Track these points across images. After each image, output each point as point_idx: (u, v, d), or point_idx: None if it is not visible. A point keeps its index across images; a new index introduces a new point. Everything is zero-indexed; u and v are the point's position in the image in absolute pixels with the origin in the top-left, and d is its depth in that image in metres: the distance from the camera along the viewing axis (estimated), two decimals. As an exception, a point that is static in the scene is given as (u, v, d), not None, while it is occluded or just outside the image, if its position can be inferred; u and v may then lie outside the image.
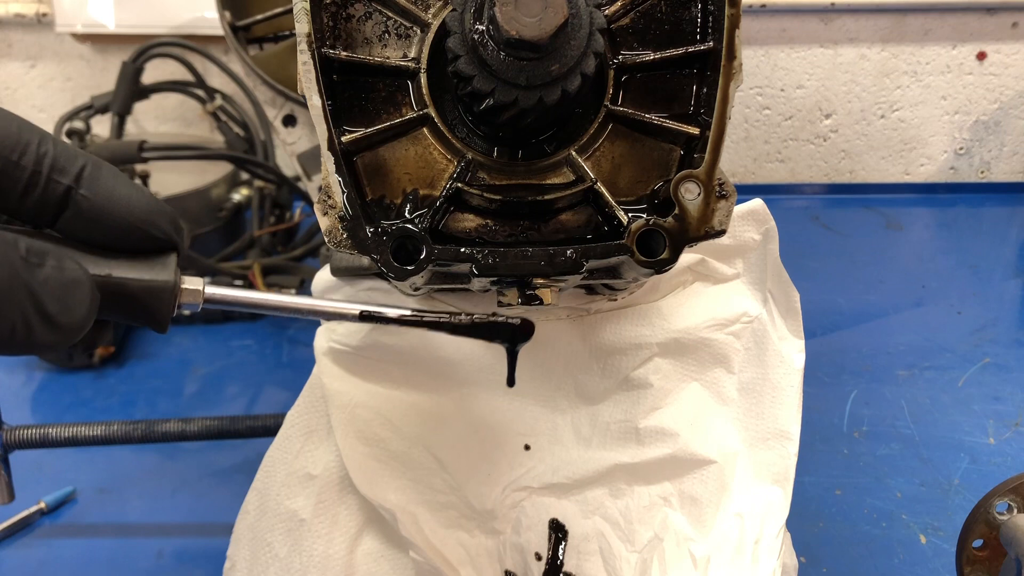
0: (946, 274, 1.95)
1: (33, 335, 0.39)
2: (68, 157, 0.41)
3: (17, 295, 0.37)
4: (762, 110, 2.39)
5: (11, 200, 0.41)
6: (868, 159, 2.44)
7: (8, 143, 0.39)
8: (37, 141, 0.40)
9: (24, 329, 0.38)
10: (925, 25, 2.28)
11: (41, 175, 0.40)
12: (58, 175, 0.41)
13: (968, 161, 2.44)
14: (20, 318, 0.38)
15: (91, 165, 0.42)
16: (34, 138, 0.40)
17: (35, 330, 0.38)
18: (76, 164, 0.41)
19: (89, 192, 0.42)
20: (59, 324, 0.39)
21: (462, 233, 0.60)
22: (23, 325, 0.38)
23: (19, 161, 0.40)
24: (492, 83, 0.53)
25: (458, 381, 0.79)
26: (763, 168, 2.46)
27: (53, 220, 0.42)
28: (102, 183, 0.42)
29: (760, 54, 2.32)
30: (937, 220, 2.34)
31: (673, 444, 0.79)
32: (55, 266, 0.39)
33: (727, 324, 0.80)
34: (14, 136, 0.40)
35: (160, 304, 0.46)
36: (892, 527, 1.15)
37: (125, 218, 0.43)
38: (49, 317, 0.39)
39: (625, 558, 0.78)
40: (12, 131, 0.40)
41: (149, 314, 0.47)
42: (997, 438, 1.34)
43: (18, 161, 0.40)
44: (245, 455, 1.28)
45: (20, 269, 0.37)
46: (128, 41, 2.18)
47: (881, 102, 2.37)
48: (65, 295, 0.39)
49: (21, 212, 0.41)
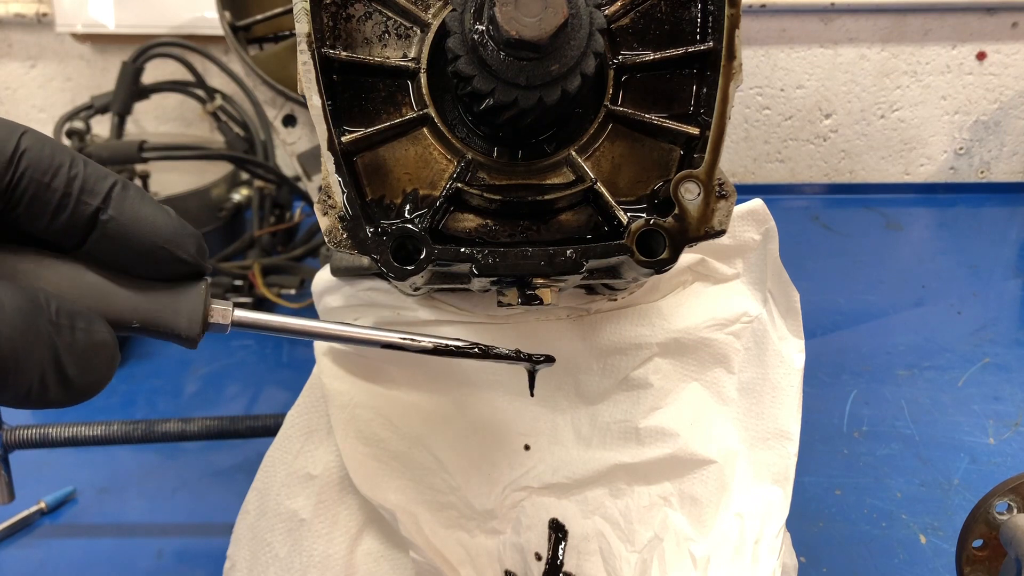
0: (946, 274, 1.95)
1: (48, 396, 0.40)
2: (97, 178, 0.42)
3: (38, 357, 0.38)
4: (762, 110, 2.39)
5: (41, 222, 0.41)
6: (868, 159, 2.44)
7: (41, 166, 0.40)
8: (68, 163, 0.41)
9: (39, 389, 0.39)
10: (925, 25, 2.28)
11: (71, 197, 0.41)
12: (87, 196, 0.41)
13: (968, 161, 2.44)
14: (38, 379, 0.39)
15: (119, 185, 0.43)
16: (65, 160, 0.41)
17: (50, 391, 0.40)
18: (105, 185, 0.42)
19: (117, 212, 0.42)
20: (76, 386, 0.40)
21: (462, 233, 0.60)
22: (39, 386, 0.39)
23: (50, 183, 0.40)
24: (492, 83, 0.53)
25: (458, 381, 0.79)
26: (763, 168, 2.46)
27: (81, 242, 0.42)
28: (129, 204, 0.43)
29: (760, 54, 2.32)
30: (937, 220, 2.34)
31: (673, 444, 0.79)
32: (83, 329, 0.40)
33: (727, 324, 0.80)
34: (47, 159, 0.40)
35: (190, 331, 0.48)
36: (892, 527, 1.15)
37: (151, 239, 0.44)
38: (68, 380, 0.40)
39: (625, 558, 0.78)
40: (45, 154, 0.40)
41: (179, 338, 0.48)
42: (997, 438, 1.34)
43: (49, 183, 0.40)
44: (245, 455, 1.28)
45: (47, 333, 0.38)
46: (128, 41, 2.18)
47: (881, 102, 2.37)
48: (88, 358, 0.40)
49: (50, 234, 0.42)
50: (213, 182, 1.92)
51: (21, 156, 0.40)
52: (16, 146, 0.40)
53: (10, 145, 0.39)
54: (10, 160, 0.39)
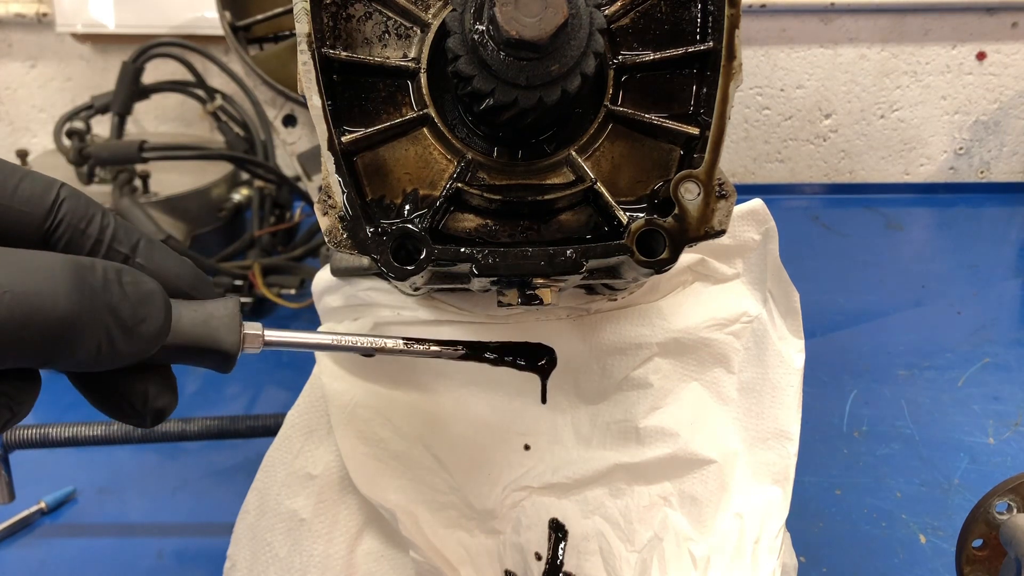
0: (946, 274, 1.95)
1: (116, 349, 0.43)
2: (127, 231, 0.47)
3: (99, 315, 0.41)
4: (762, 110, 2.39)
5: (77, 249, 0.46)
6: (868, 159, 2.44)
7: (78, 213, 0.45)
8: (100, 214, 0.46)
9: (108, 345, 0.42)
10: (925, 25, 2.28)
11: (103, 243, 0.46)
12: (118, 244, 0.47)
13: (968, 161, 2.44)
14: (104, 335, 0.42)
15: (145, 240, 0.48)
16: (98, 211, 0.46)
17: (117, 344, 0.42)
18: (133, 237, 0.47)
19: (145, 261, 0.47)
20: (139, 334, 0.43)
21: (462, 233, 0.60)
22: (107, 341, 0.42)
23: (85, 229, 0.46)
24: (492, 83, 0.53)
25: (458, 381, 0.79)
26: (763, 168, 2.46)
27: None
28: (155, 255, 0.48)
29: (760, 54, 2.32)
30: (937, 220, 2.34)
31: (673, 444, 0.79)
32: (130, 281, 0.43)
33: (727, 324, 0.80)
34: (83, 208, 0.46)
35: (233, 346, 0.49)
36: (892, 527, 1.15)
37: (176, 284, 0.49)
38: (129, 329, 0.43)
39: (625, 558, 0.78)
40: (81, 204, 0.46)
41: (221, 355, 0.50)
42: (997, 438, 1.34)
43: (84, 229, 0.46)
44: (245, 455, 1.28)
45: (99, 290, 0.41)
46: (128, 41, 2.19)
47: (881, 102, 2.37)
48: (142, 307, 0.44)
49: None
50: (213, 182, 1.93)
51: (61, 204, 0.45)
52: (56, 196, 0.45)
53: (51, 195, 0.45)
54: (51, 208, 0.45)
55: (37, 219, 0.45)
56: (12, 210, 0.44)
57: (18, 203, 0.44)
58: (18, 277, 0.39)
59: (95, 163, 1.79)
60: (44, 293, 0.39)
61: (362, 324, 0.79)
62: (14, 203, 0.44)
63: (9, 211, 0.44)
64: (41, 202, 0.45)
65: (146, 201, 1.78)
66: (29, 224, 0.44)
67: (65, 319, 0.40)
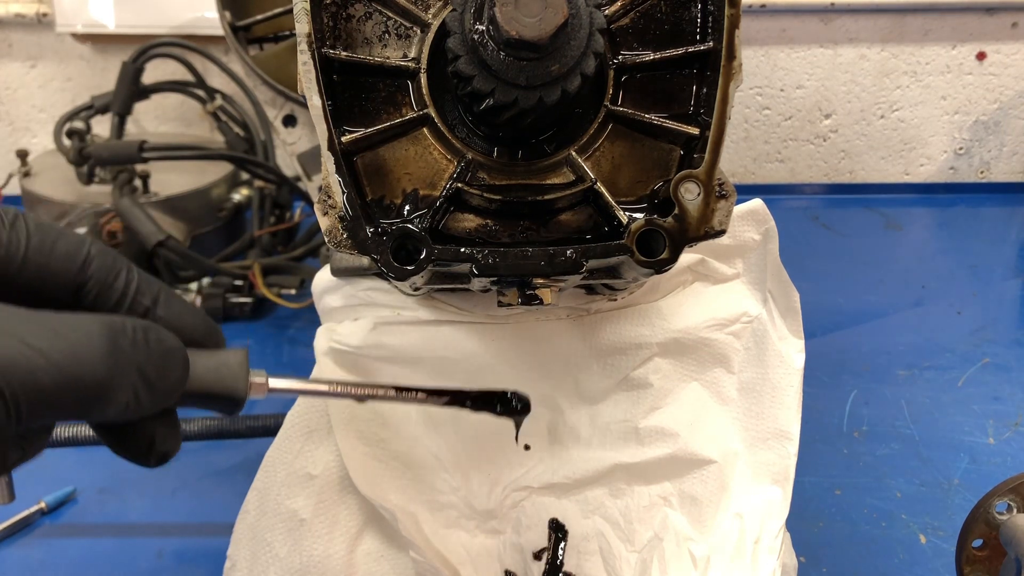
0: (946, 274, 1.95)
1: (140, 403, 0.46)
2: (148, 283, 0.51)
3: (129, 375, 0.45)
4: (762, 110, 2.39)
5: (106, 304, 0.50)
6: (868, 159, 2.44)
7: (106, 268, 0.49)
8: (126, 269, 0.50)
9: (134, 401, 0.45)
10: (925, 25, 2.28)
11: (128, 296, 0.50)
12: (141, 296, 0.51)
13: (968, 161, 2.44)
14: (131, 393, 0.45)
15: (165, 292, 0.52)
16: (124, 266, 0.50)
17: (142, 399, 0.46)
18: (154, 289, 0.51)
19: (164, 312, 0.51)
20: (161, 389, 0.47)
21: (462, 233, 0.60)
22: (134, 398, 0.45)
23: (113, 283, 0.50)
24: (492, 83, 0.53)
25: (458, 381, 0.79)
26: (763, 168, 2.46)
27: None
28: (174, 306, 0.52)
29: (760, 54, 2.32)
30: (937, 220, 2.34)
31: (673, 444, 0.79)
32: (155, 339, 0.47)
33: (727, 324, 0.80)
34: (110, 263, 0.50)
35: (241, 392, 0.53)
36: (892, 527, 1.15)
37: (191, 334, 0.52)
38: (151, 385, 0.46)
39: (625, 558, 0.78)
40: (108, 260, 0.50)
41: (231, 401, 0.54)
42: (997, 438, 1.34)
43: (112, 283, 0.50)
44: (245, 455, 1.28)
45: (129, 351, 0.45)
46: (128, 41, 2.19)
47: (881, 102, 2.37)
48: (164, 363, 0.47)
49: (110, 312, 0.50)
50: (213, 182, 1.92)
51: (91, 261, 0.49)
52: (87, 253, 0.49)
53: (83, 252, 0.49)
54: (82, 264, 0.49)
55: (71, 275, 0.48)
56: (50, 268, 0.48)
57: (55, 261, 0.48)
58: (61, 344, 0.42)
59: (95, 163, 1.79)
60: (83, 358, 0.42)
61: (362, 324, 0.79)
62: (52, 261, 0.48)
63: (47, 269, 0.48)
64: (74, 259, 0.48)
65: (146, 201, 1.78)
66: (64, 279, 0.48)
67: (102, 382, 0.43)
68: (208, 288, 1.72)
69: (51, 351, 0.41)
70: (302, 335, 1.68)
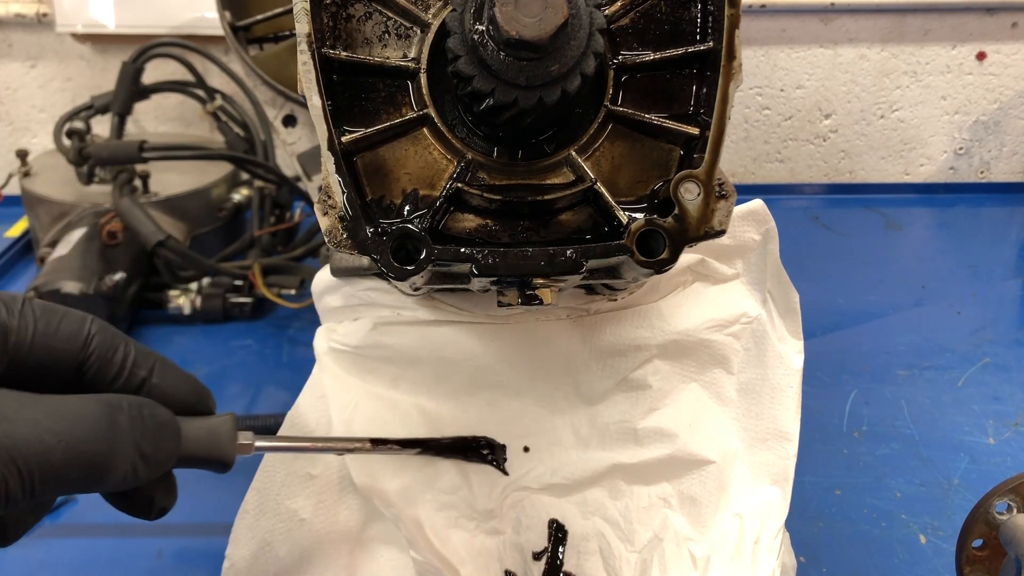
0: (946, 274, 1.95)
1: (138, 475, 0.50)
2: (144, 355, 0.56)
3: (128, 451, 0.49)
4: (762, 110, 2.39)
5: (102, 387, 0.54)
6: (868, 159, 2.44)
7: (105, 344, 0.54)
8: (123, 344, 0.55)
9: (132, 472, 0.49)
10: (925, 25, 2.28)
11: (125, 369, 0.54)
12: (137, 368, 0.55)
13: (968, 161, 2.44)
14: (130, 465, 0.49)
15: (159, 362, 0.56)
16: (122, 341, 0.55)
17: (139, 471, 0.50)
18: (150, 361, 0.56)
19: (159, 381, 0.56)
20: (156, 461, 0.51)
21: (462, 233, 0.60)
22: (131, 470, 0.49)
23: (111, 358, 0.54)
24: (492, 83, 0.53)
25: (458, 381, 0.79)
26: (763, 168, 2.46)
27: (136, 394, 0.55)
28: (168, 375, 0.57)
29: (760, 54, 2.32)
30: (937, 220, 2.34)
31: (671, 445, 0.79)
32: (150, 414, 0.51)
33: (727, 325, 0.80)
34: (109, 340, 0.54)
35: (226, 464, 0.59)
36: (892, 527, 1.15)
37: (185, 400, 0.57)
38: (147, 458, 0.50)
39: (625, 558, 0.78)
40: (108, 337, 0.54)
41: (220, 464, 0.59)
42: (997, 438, 1.34)
43: (111, 358, 0.54)
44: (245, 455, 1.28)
45: (128, 429, 0.49)
46: (128, 41, 2.18)
47: (881, 102, 2.37)
48: (159, 436, 0.52)
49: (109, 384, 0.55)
50: (213, 182, 1.92)
51: (92, 338, 0.53)
52: (88, 331, 0.53)
53: (84, 331, 0.53)
54: (84, 342, 0.53)
55: (74, 353, 0.53)
56: (55, 349, 0.52)
57: (60, 342, 0.52)
58: (68, 427, 0.46)
59: (95, 163, 1.79)
60: (88, 437, 0.47)
61: (362, 324, 0.79)
62: (57, 343, 0.52)
63: (53, 349, 0.52)
64: (77, 339, 0.53)
65: (146, 201, 1.78)
66: (67, 357, 0.52)
67: (104, 460, 0.48)
68: (208, 288, 1.73)
69: (61, 432, 0.46)
70: (302, 335, 1.68)
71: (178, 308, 1.71)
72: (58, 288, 1.52)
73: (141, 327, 1.73)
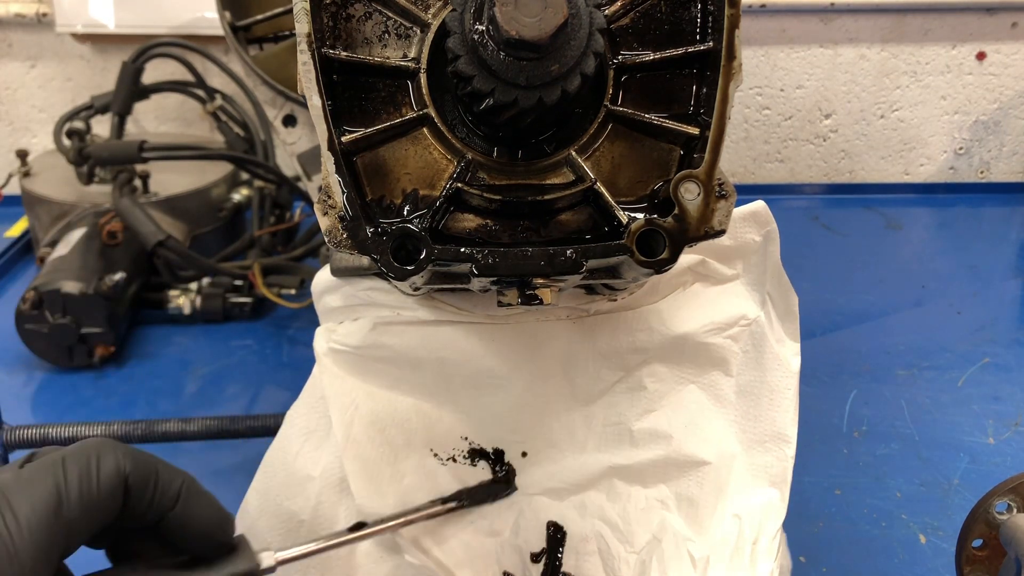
0: (946, 274, 1.95)
1: None
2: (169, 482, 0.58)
3: None
4: (762, 110, 2.39)
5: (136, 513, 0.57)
6: (868, 159, 2.44)
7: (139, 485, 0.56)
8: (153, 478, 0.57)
9: None
10: (925, 25, 2.28)
11: (154, 502, 0.57)
12: (163, 498, 0.57)
13: (968, 161, 2.44)
14: None
15: (186, 487, 0.59)
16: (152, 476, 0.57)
17: None
18: (175, 486, 0.58)
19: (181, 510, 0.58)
20: None
21: (462, 233, 0.60)
22: None
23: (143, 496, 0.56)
24: (492, 83, 0.53)
25: (458, 382, 0.79)
26: (763, 168, 2.46)
27: (157, 522, 0.58)
28: (192, 499, 0.59)
29: (760, 54, 2.32)
30: (937, 220, 2.34)
31: (666, 446, 0.79)
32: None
33: (726, 327, 0.80)
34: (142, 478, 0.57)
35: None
36: (892, 527, 1.15)
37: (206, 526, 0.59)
38: None
39: (624, 559, 0.78)
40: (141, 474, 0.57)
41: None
42: (997, 438, 1.34)
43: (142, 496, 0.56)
44: (245, 455, 1.28)
45: None
46: (128, 41, 2.19)
47: (881, 102, 2.37)
48: None
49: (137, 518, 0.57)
50: (213, 182, 1.93)
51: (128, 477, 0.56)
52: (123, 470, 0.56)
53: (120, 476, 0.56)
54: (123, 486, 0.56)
55: None
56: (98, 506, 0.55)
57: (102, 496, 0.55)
58: None
59: (95, 163, 1.79)
60: None
61: (362, 324, 0.79)
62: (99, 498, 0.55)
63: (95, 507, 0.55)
64: (116, 494, 0.55)
65: (146, 201, 1.78)
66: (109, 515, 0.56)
67: None
68: (208, 288, 1.73)
69: None
70: (302, 335, 1.69)
71: (178, 308, 1.71)
72: (58, 288, 1.52)
73: (141, 327, 1.73)
